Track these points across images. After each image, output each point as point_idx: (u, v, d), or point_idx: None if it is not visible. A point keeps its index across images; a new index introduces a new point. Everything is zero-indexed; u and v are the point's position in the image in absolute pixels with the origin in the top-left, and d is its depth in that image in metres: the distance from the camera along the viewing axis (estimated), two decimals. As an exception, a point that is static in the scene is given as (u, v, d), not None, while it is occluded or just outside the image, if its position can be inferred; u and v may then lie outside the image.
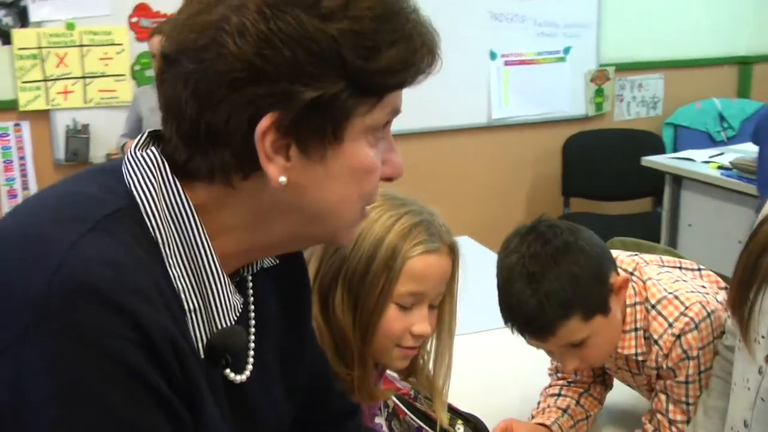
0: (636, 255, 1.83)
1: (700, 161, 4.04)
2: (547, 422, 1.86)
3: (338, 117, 0.90)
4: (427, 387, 1.59)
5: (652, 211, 4.93)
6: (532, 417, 1.92)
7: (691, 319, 1.65)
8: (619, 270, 1.71)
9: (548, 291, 1.57)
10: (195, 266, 0.93)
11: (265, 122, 0.87)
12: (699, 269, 1.85)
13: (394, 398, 1.73)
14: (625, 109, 5.26)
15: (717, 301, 1.70)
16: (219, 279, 0.95)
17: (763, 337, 1.47)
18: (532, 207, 5.07)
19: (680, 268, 1.84)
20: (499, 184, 4.98)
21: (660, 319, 1.68)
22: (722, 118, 5.14)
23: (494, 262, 1.66)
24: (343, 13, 0.88)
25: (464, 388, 1.71)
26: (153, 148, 0.95)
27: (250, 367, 1.02)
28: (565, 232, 1.63)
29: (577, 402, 1.92)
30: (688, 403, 1.71)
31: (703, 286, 1.76)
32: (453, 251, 1.46)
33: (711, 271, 1.87)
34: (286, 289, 1.14)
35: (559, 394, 1.94)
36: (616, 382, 1.99)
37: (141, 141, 0.98)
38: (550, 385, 1.99)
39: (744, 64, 5.45)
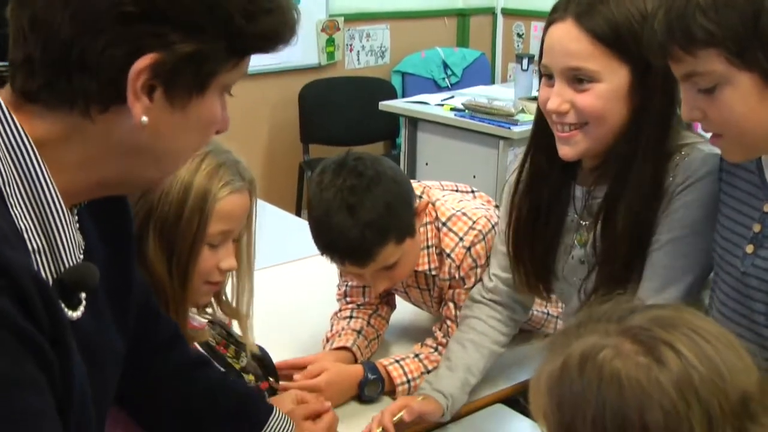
0: (418, 181, 1.97)
1: (433, 104, 4.30)
2: (347, 344, 1.95)
3: (209, 72, 0.93)
4: (232, 315, 1.63)
5: (388, 153, 5.18)
6: (327, 340, 2.01)
7: (479, 231, 1.82)
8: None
9: (367, 220, 1.67)
10: (37, 205, 0.91)
11: (144, 61, 0.88)
12: (472, 191, 2.03)
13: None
14: (355, 58, 5.43)
15: (496, 215, 1.87)
16: (63, 217, 0.93)
17: None
18: (271, 155, 5.13)
19: (457, 191, 2.01)
20: (236, 132, 4.94)
21: (451, 234, 1.83)
22: (446, 66, 5.48)
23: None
24: None
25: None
26: None
27: (83, 303, 1.00)
28: (374, 163, 1.73)
29: (368, 323, 2.03)
30: None
31: (482, 204, 1.94)
32: (252, 187, 1.51)
33: (482, 192, 2.06)
34: (108, 225, 1.11)
35: (351, 317, 2.04)
36: (398, 301, 2.13)
37: None
38: (341, 309, 2.09)
39: (462, 15, 5.82)
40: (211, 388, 1.45)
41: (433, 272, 1.87)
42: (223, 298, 1.62)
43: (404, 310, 2.16)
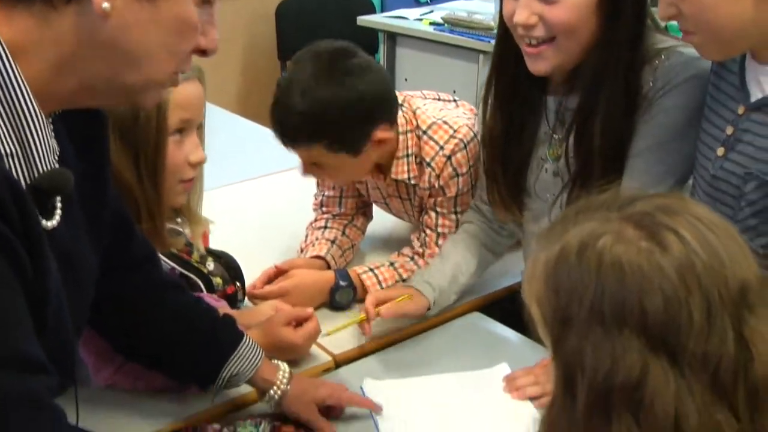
0: (399, 92, 1.93)
1: (412, 19, 4.22)
2: (321, 253, 1.94)
3: None
4: (186, 214, 1.61)
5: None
6: (301, 250, 2.00)
7: (460, 140, 1.79)
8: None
9: (306, 111, 1.66)
10: (10, 108, 0.88)
11: None
12: (455, 100, 1.99)
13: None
14: (332, -27, 5.32)
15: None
16: (37, 121, 0.90)
17: None
18: (248, 71, 5.06)
19: (439, 99, 1.97)
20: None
21: (431, 143, 1.80)
22: (425, -20, 5.38)
23: (222, 120, 1.69)
24: None
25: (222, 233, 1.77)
26: None
27: (58, 212, 0.98)
28: (359, 63, 1.72)
29: (343, 233, 2.02)
30: (456, 212, 1.87)
31: (465, 113, 1.91)
32: (201, 76, 1.48)
33: (465, 101, 2.02)
34: (84, 139, 1.08)
35: (325, 227, 2.03)
36: (378, 212, 2.12)
37: None
38: (316, 219, 2.07)
39: (441, -72, 5.70)
40: (183, 310, 1.44)
41: (413, 181, 1.84)
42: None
43: (383, 221, 2.15)
